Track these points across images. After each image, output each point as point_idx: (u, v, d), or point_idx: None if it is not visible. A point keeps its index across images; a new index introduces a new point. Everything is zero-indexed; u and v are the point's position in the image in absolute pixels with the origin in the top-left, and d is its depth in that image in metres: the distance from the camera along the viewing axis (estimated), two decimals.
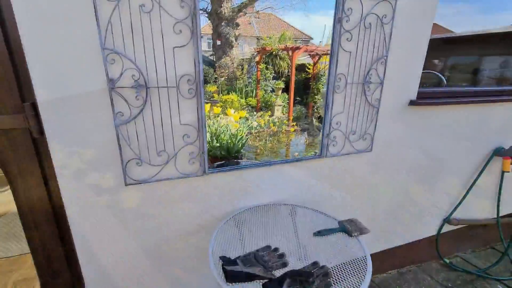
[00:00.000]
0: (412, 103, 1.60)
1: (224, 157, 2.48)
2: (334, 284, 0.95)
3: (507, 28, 3.28)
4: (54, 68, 0.94)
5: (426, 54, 1.53)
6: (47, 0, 0.87)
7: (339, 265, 1.06)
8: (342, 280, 0.98)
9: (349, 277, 0.99)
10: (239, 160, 2.34)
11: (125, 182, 1.14)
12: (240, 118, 3.20)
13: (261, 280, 0.92)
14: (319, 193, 1.61)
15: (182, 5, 1.01)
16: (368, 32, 1.34)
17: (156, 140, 1.14)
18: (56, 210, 1.19)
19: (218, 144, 2.59)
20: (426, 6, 1.44)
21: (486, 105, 1.85)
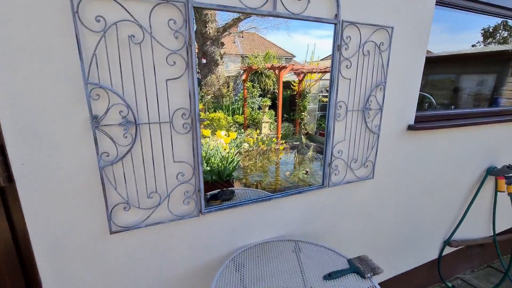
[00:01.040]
0: (410, 127, 1.58)
1: (215, 181, 2.35)
2: None
3: (483, 49, 3.48)
4: (27, 106, 0.81)
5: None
6: (19, 29, 0.76)
7: None
8: None
9: None
10: (233, 189, 2.22)
11: (110, 230, 1.00)
12: (231, 140, 3.11)
13: None
14: (323, 224, 1.51)
15: (176, 35, 0.93)
16: (367, 59, 1.32)
17: (147, 181, 1.02)
18: (25, 265, 1.01)
19: (208, 168, 2.47)
20: (420, 34, 1.44)
21: (479, 127, 1.87)
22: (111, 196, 0.98)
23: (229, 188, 2.07)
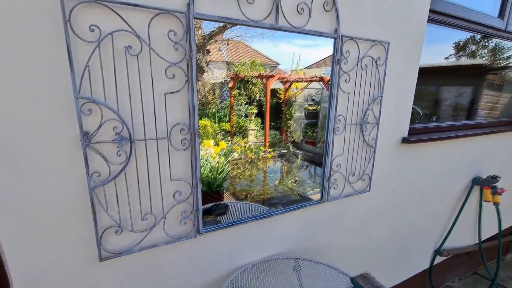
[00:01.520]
0: (404, 140, 1.60)
1: (204, 193, 2.27)
2: None
3: (459, 62, 3.69)
4: (8, 122, 0.73)
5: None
6: (1, 37, 0.68)
7: None
8: None
9: None
10: (227, 203, 2.15)
11: (99, 257, 0.91)
12: (221, 149, 3.05)
13: None
14: (321, 239, 1.48)
15: (176, 47, 0.88)
16: (365, 74, 1.33)
17: (141, 201, 0.94)
18: None
19: None
20: (413, 49, 1.48)
21: (466, 139, 1.93)
22: (101, 219, 0.89)
23: (223, 202, 1.99)
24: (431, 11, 1.48)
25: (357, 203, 1.55)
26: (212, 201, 2.24)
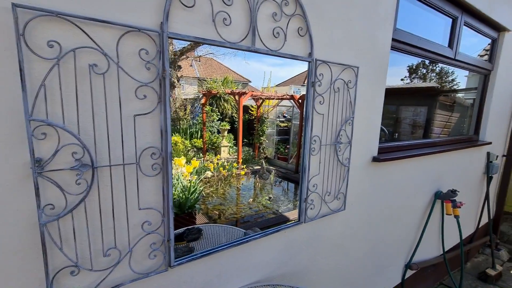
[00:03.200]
0: (374, 159, 1.66)
1: (175, 215, 2.14)
2: None
3: (416, 84, 4.06)
4: None
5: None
6: None
7: None
8: None
9: None
10: (200, 227, 2.03)
11: None
12: (193, 168, 2.93)
13: None
14: (300, 262, 1.44)
15: (148, 66, 0.82)
16: (337, 96, 1.37)
17: (104, 235, 0.84)
18: None
19: None
20: (379, 74, 1.57)
21: (428, 156, 2.07)
22: (54, 259, 0.77)
23: (196, 226, 1.88)
24: (393, 40, 1.60)
25: (333, 222, 1.55)
26: (184, 224, 2.10)
